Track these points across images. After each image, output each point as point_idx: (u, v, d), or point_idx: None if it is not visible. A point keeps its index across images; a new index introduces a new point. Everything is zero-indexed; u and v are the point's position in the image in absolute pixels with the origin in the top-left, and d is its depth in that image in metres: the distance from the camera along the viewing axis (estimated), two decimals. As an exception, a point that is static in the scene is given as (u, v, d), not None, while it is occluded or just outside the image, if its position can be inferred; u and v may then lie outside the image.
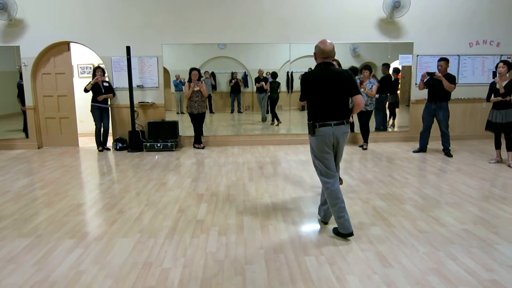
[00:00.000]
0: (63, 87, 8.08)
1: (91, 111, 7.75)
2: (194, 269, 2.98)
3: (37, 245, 3.44)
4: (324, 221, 3.85)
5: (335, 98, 3.43)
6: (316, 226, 3.82)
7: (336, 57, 3.99)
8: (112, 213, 4.22)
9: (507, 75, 5.91)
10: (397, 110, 9.02)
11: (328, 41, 3.50)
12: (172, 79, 9.58)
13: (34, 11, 7.69)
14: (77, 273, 2.94)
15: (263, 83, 9.32)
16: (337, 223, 3.52)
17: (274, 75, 9.16)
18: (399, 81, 9.05)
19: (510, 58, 8.08)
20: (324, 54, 3.47)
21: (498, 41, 8.26)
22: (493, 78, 6.06)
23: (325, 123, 3.43)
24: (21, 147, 8.06)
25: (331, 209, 3.54)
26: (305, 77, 3.53)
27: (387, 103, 8.87)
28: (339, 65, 4.38)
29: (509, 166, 5.99)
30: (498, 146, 6.23)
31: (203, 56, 9.36)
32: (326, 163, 3.50)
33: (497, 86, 5.87)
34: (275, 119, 9.33)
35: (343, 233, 3.48)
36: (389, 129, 8.93)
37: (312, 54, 3.61)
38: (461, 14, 8.11)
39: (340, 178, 4.35)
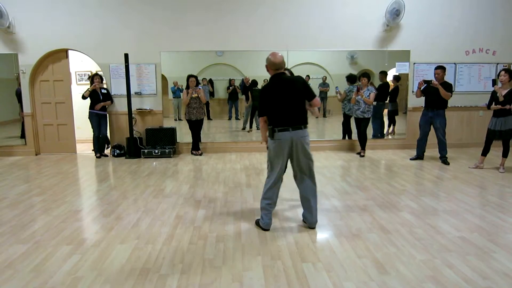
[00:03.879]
0: (61, 94, 8.10)
1: (89, 117, 7.76)
2: (191, 275, 2.98)
3: (35, 251, 3.44)
4: (310, 227, 3.93)
5: (291, 104, 3.67)
6: (314, 232, 3.82)
7: (333, 64, 4.07)
8: (110, 220, 4.22)
9: (509, 83, 6.00)
10: (396, 117, 9.05)
11: (278, 54, 3.74)
12: (170, 86, 9.62)
13: (32, 18, 7.72)
14: (74, 279, 2.93)
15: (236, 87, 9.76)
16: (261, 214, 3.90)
17: (254, 83, 9.22)
18: (399, 88, 9.08)
19: (506, 66, 8.15)
20: (275, 66, 3.73)
21: (494, 50, 8.34)
22: (492, 86, 6.13)
23: (284, 128, 3.68)
24: (18, 153, 8.05)
25: (262, 200, 3.93)
26: (263, 91, 3.78)
27: (387, 110, 8.90)
28: (291, 73, 4.50)
29: (500, 171, 6.20)
30: (485, 153, 6.34)
31: (200, 63, 9.39)
32: (276, 165, 3.90)
33: (497, 94, 5.95)
34: (249, 126, 9.58)
35: (261, 227, 3.87)
36: (389, 136, 8.95)
37: (310, 61, 3.67)
38: (457, 23, 8.19)
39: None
